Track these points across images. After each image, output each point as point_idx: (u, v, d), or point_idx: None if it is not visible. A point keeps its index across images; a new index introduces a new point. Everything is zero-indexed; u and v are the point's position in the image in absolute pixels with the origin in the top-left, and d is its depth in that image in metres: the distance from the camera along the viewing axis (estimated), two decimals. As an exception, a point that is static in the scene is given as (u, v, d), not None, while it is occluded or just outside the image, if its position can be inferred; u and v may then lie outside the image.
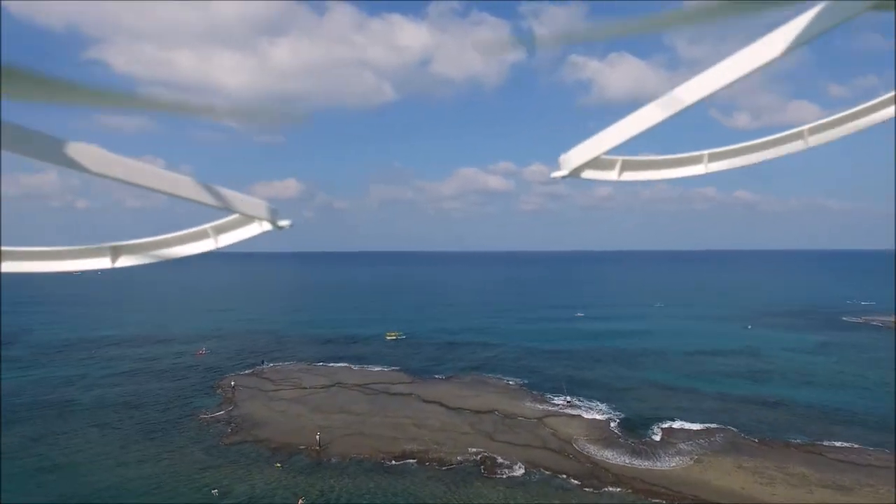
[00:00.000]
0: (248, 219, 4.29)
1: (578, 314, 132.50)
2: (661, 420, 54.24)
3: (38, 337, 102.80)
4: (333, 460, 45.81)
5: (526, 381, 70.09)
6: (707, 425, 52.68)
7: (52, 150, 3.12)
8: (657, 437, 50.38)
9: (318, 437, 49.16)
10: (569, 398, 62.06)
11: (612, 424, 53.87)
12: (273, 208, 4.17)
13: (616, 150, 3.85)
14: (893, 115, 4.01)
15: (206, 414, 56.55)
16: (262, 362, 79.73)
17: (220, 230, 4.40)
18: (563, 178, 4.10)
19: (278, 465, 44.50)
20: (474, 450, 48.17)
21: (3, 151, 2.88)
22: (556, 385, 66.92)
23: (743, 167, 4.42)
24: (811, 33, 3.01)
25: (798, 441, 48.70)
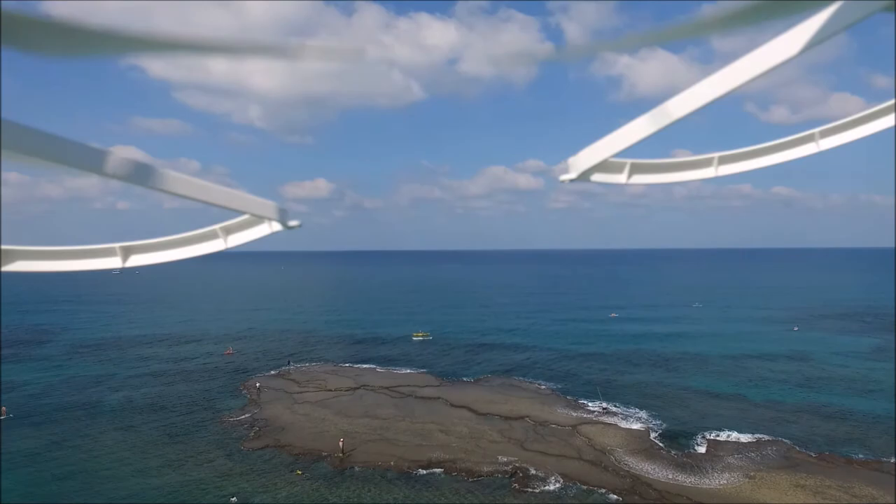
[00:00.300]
0: (257, 219, 4.25)
1: (613, 315, 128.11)
2: (706, 430, 50.56)
3: (73, 335, 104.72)
4: (357, 468, 43.94)
5: (558, 386, 67.08)
6: (757, 437, 48.74)
7: (55, 150, 3.00)
8: (702, 450, 46.81)
9: (341, 443, 47.42)
10: (604, 404, 58.88)
11: (652, 434, 50.46)
12: (282, 209, 4.14)
13: (638, 149, 3.85)
14: None
15: (229, 417, 55.53)
16: (289, 363, 78.83)
17: (229, 231, 4.39)
18: (572, 181, 4.05)
19: (299, 472, 42.91)
20: (505, 459, 45.64)
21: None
22: (591, 390, 63.77)
23: (754, 170, 4.30)
24: (826, 33, 2.92)
25: (861, 457, 44.42)
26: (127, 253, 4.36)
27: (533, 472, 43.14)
